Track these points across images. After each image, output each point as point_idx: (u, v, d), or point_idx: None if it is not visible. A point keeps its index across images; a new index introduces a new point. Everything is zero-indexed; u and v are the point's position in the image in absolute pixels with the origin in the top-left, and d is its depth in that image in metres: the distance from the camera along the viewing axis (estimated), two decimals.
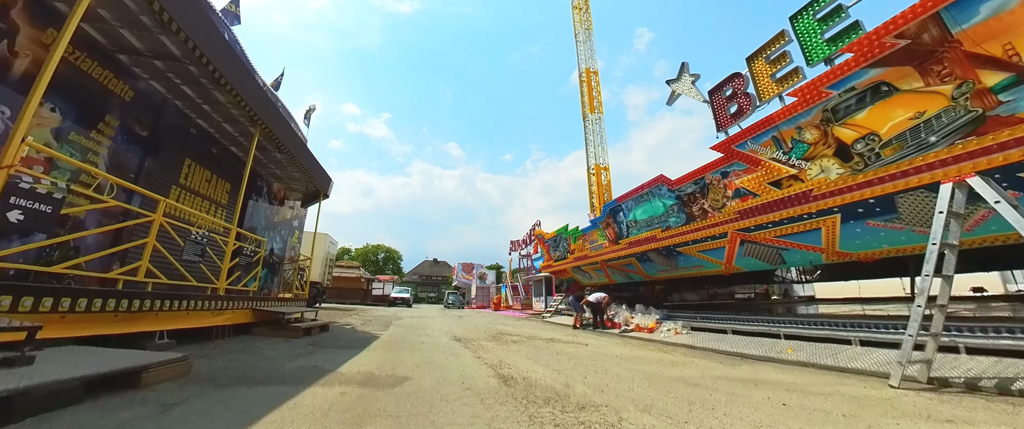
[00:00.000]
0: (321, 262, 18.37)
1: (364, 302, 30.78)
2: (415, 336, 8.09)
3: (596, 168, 39.61)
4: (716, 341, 7.42)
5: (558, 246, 15.53)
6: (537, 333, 9.94)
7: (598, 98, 42.31)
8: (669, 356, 6.22)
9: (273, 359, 4.45)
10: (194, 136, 7.01)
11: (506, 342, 7.69)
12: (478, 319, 15.77)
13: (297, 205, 11.49)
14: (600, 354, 6.32)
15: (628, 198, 10.34)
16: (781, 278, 23.38)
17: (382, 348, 5.95)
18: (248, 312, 6.15)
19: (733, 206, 7.51)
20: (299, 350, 5.23)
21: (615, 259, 11.68)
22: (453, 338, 8.10)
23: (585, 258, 13.20)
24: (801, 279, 23.16)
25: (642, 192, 9.78)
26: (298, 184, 10.14)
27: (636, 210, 10.18)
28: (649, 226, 9.84)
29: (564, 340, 8.39)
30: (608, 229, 11.57)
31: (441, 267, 66.98)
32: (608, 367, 5.08)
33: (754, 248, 7.76)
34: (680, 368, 5.14)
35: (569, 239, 14.35)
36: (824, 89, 5.83)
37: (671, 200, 9.00)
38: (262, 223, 9.55)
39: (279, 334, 6.19)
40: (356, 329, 8.88)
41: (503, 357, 5.65)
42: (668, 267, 10.38)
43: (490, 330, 10.42)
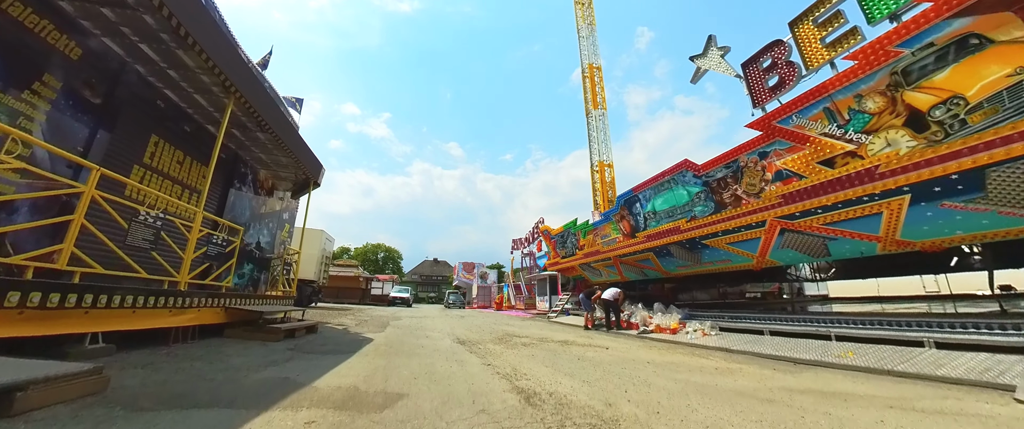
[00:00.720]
0: (316, 260, 17.49)
1: (362, 302, 29.90)
2: (414, 338, 7.22)
3: (600, 165, 38.77)
4: (752, 343, 6.55)
5: (566, 242, 14.66)
6: (547, 334, 9.07)
7: (601, 94, 41.49)
8: (709, 362, 5.35)
9: (235, 369, 3.58)
10: (162, 110, 6.15)
11: (516, 345, 6.83)
12: (481, 319, 14.89)
13: (287, 196, 10.63)
14: (627, 359, 5.45)
15: (646, 187, 9.47)
16: (794, 276, 22.53)
17: (375, 354, 5.08)
18: (219, 311, 5.29)
19: (773, 190, 6.64)
20: (274, 356, 4.36)
21: (630, 254, 10.81)
22: (456, 340, 7.23)
23: (596, 254, 12.33)
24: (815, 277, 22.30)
25: (663, 180, 8.91)
26: (287, 172, 9.28)
27: (656, 200, 9.31)
28: (671, 217, 8.97)
29: (580, 342, 7.52)
30: (622, 222, 10.70)
31: (441, 267, 66.10)
32: (647, 377, 4.21)
33: (796, 238, 6.89)
34: (732, 378, 4.26)
35: (578, 234, 13.48)
36: (892, 48, 4.97)
37: (697, 187, 8.13)
38: (246, 214, 8.68)
39: (256, 337, 5.33)
40: (349, 330, 8.01)
41: (517, 364, 4.78)
42: (690, 262, 9.50)
43: (495, 331, 9.55)
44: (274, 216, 10.11)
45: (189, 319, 4.60)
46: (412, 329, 9.23)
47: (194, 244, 4.71)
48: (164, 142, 6.23)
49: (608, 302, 10.04)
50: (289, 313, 7.40)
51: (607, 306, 10.34)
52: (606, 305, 10.14)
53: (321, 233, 18.05)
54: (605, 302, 10.26)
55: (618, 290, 10.42)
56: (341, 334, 7.22)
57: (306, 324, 6.77)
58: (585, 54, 41.70)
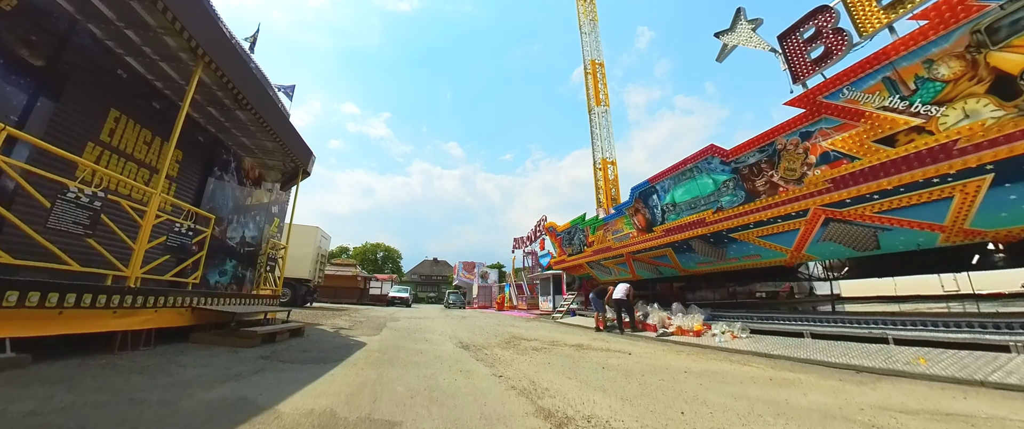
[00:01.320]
0: (311, 258, 16.72)
1: (360, 302, 29.12)
2: (412, 342, 6.45)
3: (603, 162, 38.01)
4: (793, 347, 5.79)
5: (573, 239, 13.90)
6: (558, 337, 8.31)
7: (604, 90, 40.79)
8: (755, 370, 4.58)
9: (182, 385, 2.81)
10: (124, 81, 5.38)
11: (526, 350, 6.06)
12: (483, 320, 14.12)
13: (276, 188, 9.85)
14: (659, 368, 4.68)
15: (665, 177, 8.71)
16: (806, 275, 21.78)
17: (365, 362, 4.31)
18: (184, 312, 4.52)
19: (818, 175, 5.88)
20: (240, 367, 3.59)
21: (645, 250, 10.04)
22: (459, 345, 6.46)
23: (606, 251, 11.57)
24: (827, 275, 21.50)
25: (684, 168, 8.15)
26: (274, 159, 8.51)
27: (676, 190, 8.55)
28: (693, 208, 8.21)
29: (596, 346, 6.76)
30: (637, 216, 9.94)
31: (441, 266, 65.34)
32: (695, 391, 3.44)
33: (842, 230, 6.13)
34: (799, 392, 3.50)
35: (586, 230, 12.72)
36: (975, 2, 4.22)
37: (725, 174, 7.37)
38: (229, 205, 7.90)
39: (227, 342, 4.56)
40: (340, 333, 7.24)
41: (533, 375, 4.02)
42: (713, 259, 8.74)
43: (501, 333, 8.78)
44: (262, 209, 9.33)
45: (141, 321, 3.83)
46: (410, 331, 8.46)
47: (149, 232, 3.94)
48: (128, 119, 5.46)
49: (620, 301, 9.28)
50: (271, 314, 6.63)
51: (619, 306, 9.58)
52: (618, 305, 9.39)
53: (316, 230, 17.27)
54: (617, 302, 9.50)
55: (628, 286, 9.66)
56: (330, 338, 6.45)
57: (291, 326, 6.00)
58: (587, 50, 40.97)
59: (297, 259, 16.54)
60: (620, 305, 9.68)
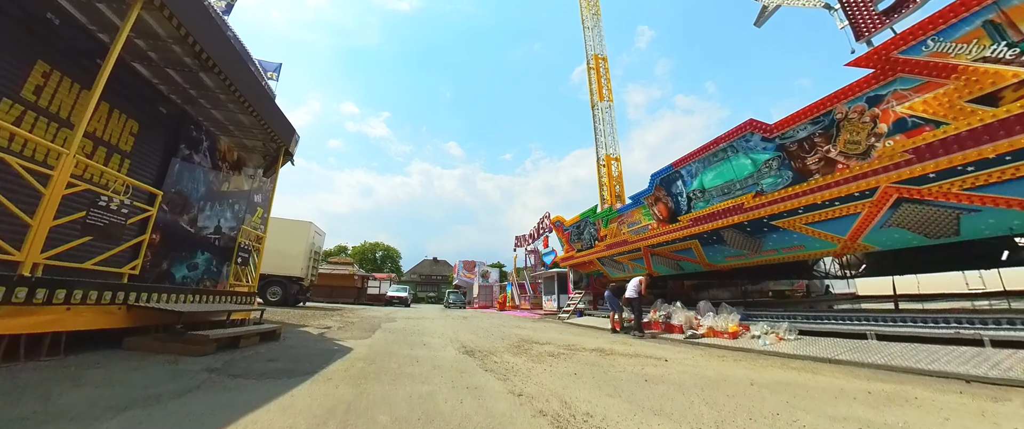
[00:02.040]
0: (303, 255, 15.76)
1: (358, 301, 28.16)
2: (407, 347, 5.50)
3: (607, 159, 37.13)
4: (860, 351, 4.84)
5: (582, 233, 12.95)
6: (572, 339, 7.37)
7: (607, 85, 39.98)
8: (840, 381, 3.63)
9: (47, 419, 1.86)
10: (55, 28, 4.42)
11: (541, 356, 5.11)
12: (486, 320, 13.17)
13: (258, 174, 8.89)
14: (716, 379, 3.73)
15: (692, 160, 7.76)
16: (822, 272, 20.86)
17: (343, 376, 3.35)
18: (115, 311, 3.56)
19: (892, 146, 4.93)
20: (167, 385, 2.64)
21: (666, 243, 9.09)
22: (462, 349, 5.51)
23: (621, 244, 10.61)
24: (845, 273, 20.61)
25: (716, 148, 7.21)
26: (253, 138, 7.55)
27: (705, 175, 7.60)
28: (726, 194, 7.26)
29: (622, 351, 5.81)
30: (657, 205, 8.99)
31: (441, 266, 64.41)
32: (790, 415, 2.50)
33: (916, 211, 5.18)
34: (929, 414, 2.55)
35: (598, 223, 11.76)
36: None
37: (767, 153, 6.42)
38: (200, 190, 6.95)
39: (171, 349, 3.60)
40: (325, 336, 6.29)
41: (562, 392, 3.07)
42: (746, 251, 7.80)
43: (508, 335, 7.83)
44: (242, 197, 8.38)
45: (43, 322, 2.88)
46: (407, 333, 7.50)
47: (56, 203, 2.98)
48: (62, 75, 4.50)
49: (635, 301, 8.35)
50: (242, 314, 5.68)
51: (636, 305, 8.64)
52: (635, 304, 8.45)
53: (309, 225, 16.32)
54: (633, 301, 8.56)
55: (639, 279, 8.74)
56: (311, 342, 5.49)
57: (263, 329, 5.05)
58: (590, 45, 40.11)
59: (288, 256, 15.60)
60: (636, 304, 8.75)
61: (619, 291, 9.10)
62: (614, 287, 9.18)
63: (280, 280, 15.29)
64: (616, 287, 9.16)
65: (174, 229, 6.35)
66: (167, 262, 6.24)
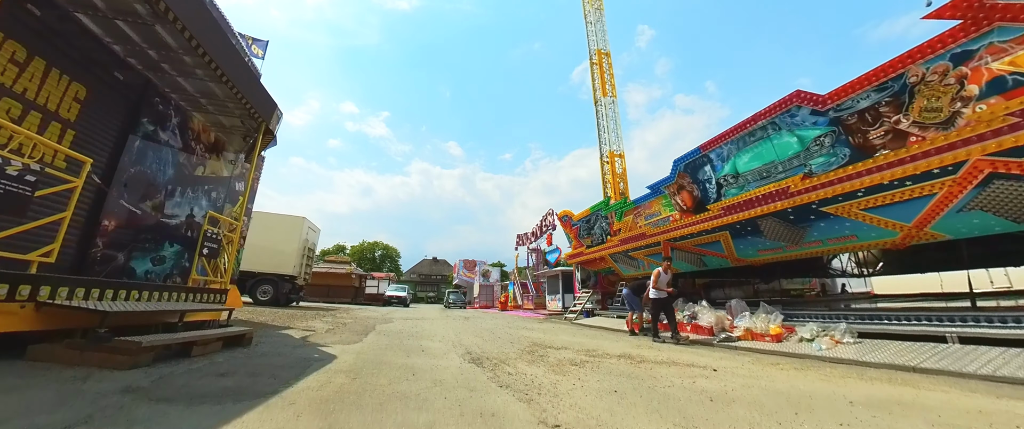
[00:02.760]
0: (295, 252, 14.89)
1: (355, 301, 27.31)
2: (402, 355, 4.65)
3: (611, 155, 36.42)
4: (950, 358, 4.00)
5: (592, 228, 12.10)
6: (591, 344, 6.53)
7: (611, 81, 39.24)
8: (958, 397, 2.78)
9: None
10: None
11: (563, 365, 4.27)
12: (490, 321, 12.32)
13: (240, 159, 8.04)
14: (799, 397, 2.88)
15: (724, 141, 6.91)
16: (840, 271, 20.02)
17: (311, 399, 2.50)
18: (19, 310, 2.71)
19: (985, 112, 4.09)
20: (45, 415, 1.79)
21: (691, 235, 8.24)
22: (468, 357, 4.67)
23: (638, 238, 9.76)
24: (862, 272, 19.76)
25: (754, 126, 6.36)
26: (231, 116, 6.69)
27: (740, 157, 6.76)
28: (767, 177, 6.41)
29: (654, 358, 4.97)
30: (681, 194, 8.14)
31: (441, 266, 63.58)
32: None
33: (1010, 190, 4.34)
34: None
35: (611, 216, 10.91)
36: None
37: (819, 128, 5.57)
38: (167, 173, 6.09)
39: (90, 359, 2.75)
40: (307, 341, 5.43)
41: (615, 423, 2.22)
42: (785, 242, 6.95)
43: (517, 338, 6.98)
44: (221, 183, 7.53)
45: None
46: (403, 336, 6.66)
47: None
48: None
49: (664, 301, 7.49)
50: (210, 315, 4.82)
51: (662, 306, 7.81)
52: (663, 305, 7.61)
53: (302, 221, 15.46)
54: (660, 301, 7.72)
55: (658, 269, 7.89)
56: (288, 348, 4.64)
57: (228, 332, 4.19)
58: (593, 40, 39.40)
59: (280, 253, 14.74)
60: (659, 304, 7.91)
61: (639, 289, 8.25)
62: (633, 285, 8.33)
63: (271, 278, 14.44)
64: (636, 284, 8.31)
65: (135, 216, 5.50)
66: (124, 254, 5.39)
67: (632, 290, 8.29)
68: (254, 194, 8.64)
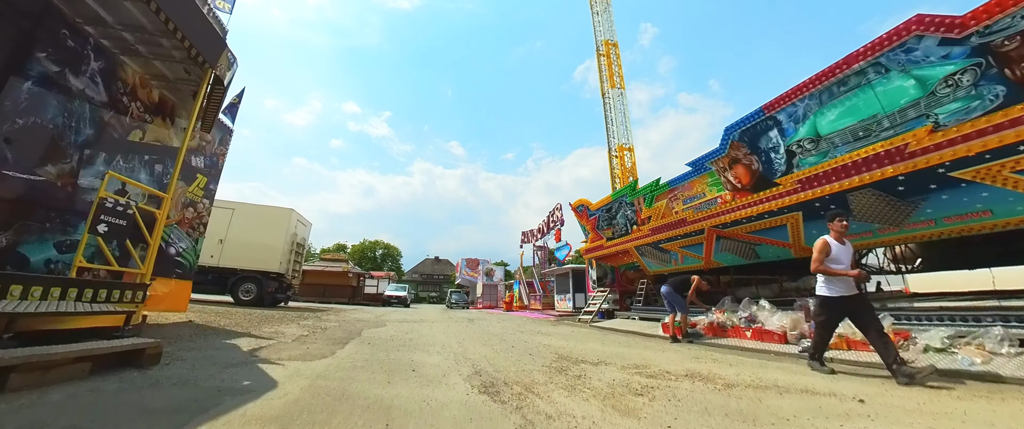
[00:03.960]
0: (282, 248, 13.47)
1: (353, 301, 25.92)
2: (381, 378, 3.20)
3: (619, 149, 34.99)
4: None
5: (614, 218, 10.61)
6: (633, 355, 5.06)
7: (619, 72, 37.74)
8: None
9: None
10: None
11: (623, 398, 2.80)
12: (498, 324, 10.86)
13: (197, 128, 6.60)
14: None
15: (798, 96, 5.42)
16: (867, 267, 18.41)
17: None
18: None
19: None
20: None
21: (748, 219, 6.75)
22: (475, 380, 3.20)
23: (675, 226, 8.26)
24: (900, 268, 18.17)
25: (847, 71, 4.87)
26: (170, 63, 5.25)
27: (823, 115, 5.26)
28: (865, 137, 4.91)
29: (750, 382, 3.49)
30: (735, 169, 6.65)
31: (443, 265, 62.23)
32: None
33: None
34: None
35: (639, 202, 9.42)
36: None
37: (953, 62, 4.07)
38: (84, 133, 4.67)
39: None
40: (257, 354, 3.99)
41: None
42: (881, 223, 5.45)
43: (536, 348, 5.51)
44: (169, 155, 6.11)
45: None
46: (392, 346, 5.19)
47: None
48: None
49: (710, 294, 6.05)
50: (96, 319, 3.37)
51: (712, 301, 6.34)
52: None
53: (289, 213, 14.04)
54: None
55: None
56: (209, 371, 3.18)
57: (109, 348, 2.73)
58: (600, 30, 37.98)
59: (264, 248, 13.32)
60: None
61: (682, 286, 6.77)
62: (677, 281, 6.85)
63: (254, 276, 13.03)
64: (678, 280, 6.83)
65: (26, 185, 4.07)
66: (11, 234, 3.97)
67: (673, 287, 6.81)
68: (217, 171, 7.20)
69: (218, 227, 13.20)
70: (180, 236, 6.45)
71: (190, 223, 6.64)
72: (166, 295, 6.04)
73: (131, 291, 3.62)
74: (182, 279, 6.42)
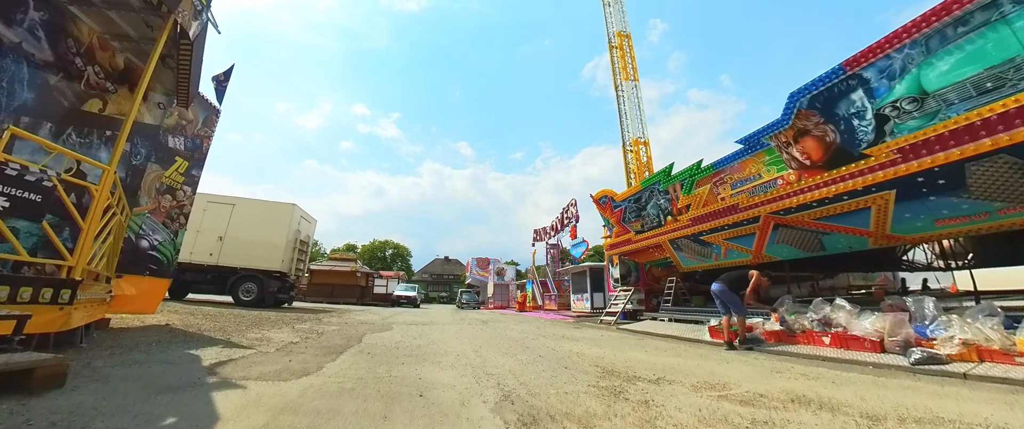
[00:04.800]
0: (283, 244, 12.70)
1: (362, 301, 25.21)
2: (376, 411, 2.22)
3: (635, 143, 33.72)
4: None
5: (644, 208, 9.53)
6: (698, 369, 4.04)
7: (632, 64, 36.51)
8: None
9: None
10: None
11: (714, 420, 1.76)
12: (515, 326, 9.90)
13: (172, 104, 5.75)
14: None
15: (896, 46, 4.33)
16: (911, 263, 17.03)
17: None
18: None
19: None
20: None
21: (818, 202, 5.65)
22: (508, 414, 2.20)
23: (723, 214, 7.17)
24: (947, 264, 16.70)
25: (965, 8, 3.79)
26: (130, 15, 4.40)
27: (931, 66, 4.16)
28: (997, 87, 3.81)
29: (894, 411, 2.44)
30: (803, 142, 5.55)
31: (453, 265, 61.52)
32: None
33: None
34: None
35: (675, 189, 8.34)
36: None
37: None
38: (22, 98, 3.84)
39: None
40: (219, 370, 3.07)
41: None
42: (1005, 201, 4.33)
43: (569, 359, 4.51)
44: (140, 133, 5.28)
45: None
46: (396, 357, 4.25)
47: None
48: None
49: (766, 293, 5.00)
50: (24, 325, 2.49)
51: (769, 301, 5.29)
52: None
53: (292, 208, 13.27)
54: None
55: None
56: (134, 400, 2.26)
57: None
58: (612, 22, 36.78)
59: (264, 245, 12.56)
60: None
61: (738, 282, 5.71)
62: (732, 277, 5.79)
63: (255, 275, 12.28)
64: (735, 276, 5.77)
65: None
66: None
67: (728, 284, 5.75)
68: (201, 155, 6.36)
69: (217, 224, 12.51)
70: (155, 227, 5.61)
71: (167, 212, 5.81)
72: (136, 296, 5.21)
73: (50, 289, 2.73)
74: (157, 277, 5.59)
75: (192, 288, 12.24)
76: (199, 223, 12.37)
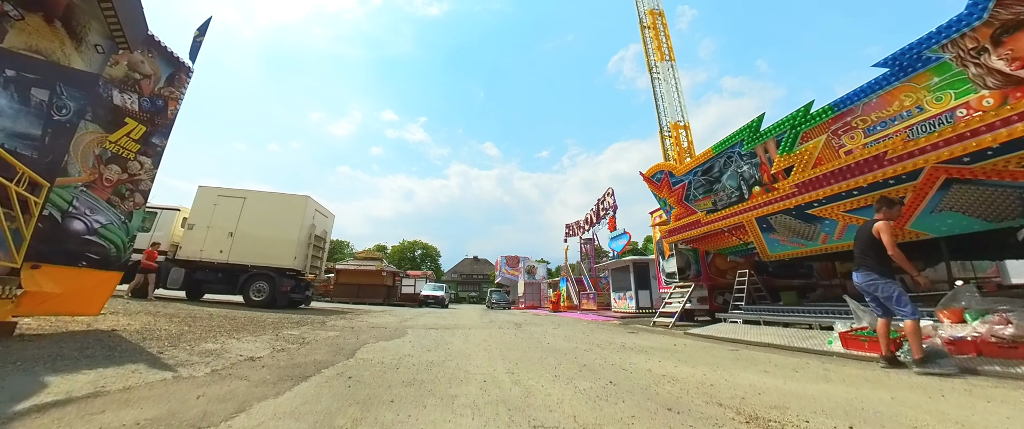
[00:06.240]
0: (296, 240, 11.60)
1: (388, 301, 24.27)
2: None
3: (673, 128, 31.05)
4: None
5: (719, 179, 7.50)
6: (900, 415, 2.13)
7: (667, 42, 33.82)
8: None
9: None
10: None
11: None
12: (554, 332, 8.19)
13: (115, 52, 4.51)
14: None
15: None
16: None
17: None
18: None
19: None
20: None
21: None
22: None
23: (854, 172, 5.15)
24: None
25: None
26: None
27: None
28: None
29: None
30: (1010, 42, 3.53)
31: (482, 265, 60.45)
32: None
33: None
34: None
35: (765, 150, 6.31)
36: None
37: None
38: None
39: None
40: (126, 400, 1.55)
41: None
42: None
43: (658, 389, 2.71)
44: (60, 77, 4.02)
45: None
46: (393, 383, 2.62)
47: None
48: None
49: None
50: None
51: None
52: None
53: (305, 201, 12.18)
54: None
55: None
56: None
57: None
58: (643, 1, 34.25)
59: (276, 241, 11.48)
60: None
61: (879, 256, 3.71)
62: (863, 252, 3.83)
63: (266, 273, 11.25)
64: (863, 246, 3.80)
65: None
66: None
67: (872, 267, 3.78)
68: (165, 121, 5.08)
69: (228, 219, 11.59)
70: (94, 205, 4.35)
71: (114, 187, 4.54)
72: (65, 294, 3.93)
73: None
74: (99, 269, 4.31)
75: (205, 288, 11.38)
76: (210, 218, 11.51)
